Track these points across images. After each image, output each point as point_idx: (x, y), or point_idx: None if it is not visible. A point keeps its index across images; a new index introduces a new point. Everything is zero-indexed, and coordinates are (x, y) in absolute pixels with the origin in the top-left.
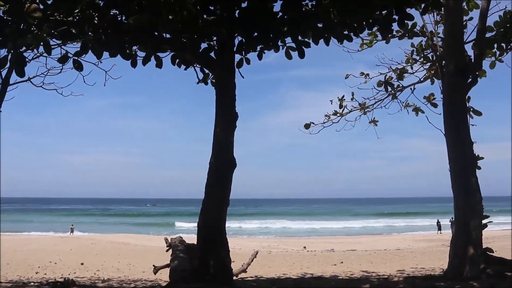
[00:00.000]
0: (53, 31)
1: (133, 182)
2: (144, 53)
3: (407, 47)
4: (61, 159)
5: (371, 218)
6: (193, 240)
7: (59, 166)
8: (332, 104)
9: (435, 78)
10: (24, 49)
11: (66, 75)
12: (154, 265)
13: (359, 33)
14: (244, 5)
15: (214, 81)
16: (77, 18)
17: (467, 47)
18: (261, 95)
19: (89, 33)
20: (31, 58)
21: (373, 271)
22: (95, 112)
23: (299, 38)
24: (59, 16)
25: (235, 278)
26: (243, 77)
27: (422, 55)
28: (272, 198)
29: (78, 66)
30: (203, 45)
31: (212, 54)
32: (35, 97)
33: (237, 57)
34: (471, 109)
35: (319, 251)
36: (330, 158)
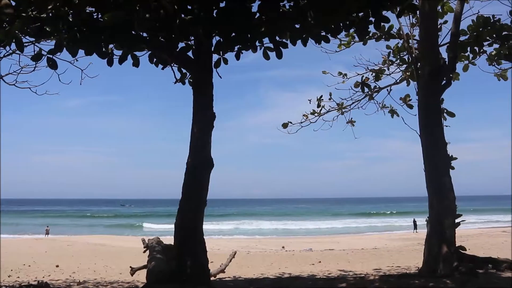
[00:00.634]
0: (26, 28)
1: (109, 182)
2: (120, 52)
3: (384, 48)
4: (35, 159)
5: (349, 217)
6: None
7: (32, 166)
8: (310, 103)
9: (411, 79)
10: None
11: (40, 73)
12: (131, 267)
13: (336, 34)
14: (222, 5)
15: (191, 80)
16: (50, 15)
17: (441, 50)
18: (240, 95)
19: (64, 31)
20: (3, 55)
21: (350, 270)
22: (72, 111)
23: (277, 38)
24: (32, 12)
25: (213, 278)
26: (220, 77)
27: (398, 57)
28: (250, 198)
29: (52, 64)
30: (181, 45)
31: (189, 53)
32: (7, 95)
33: (215, 57)
34: (445, 111)
35: (298, 251)
36: (308, 158)
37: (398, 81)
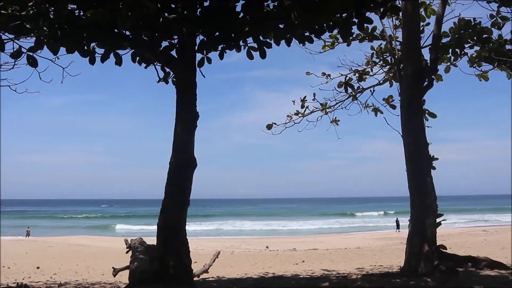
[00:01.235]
0: (5, 25)
1: (92, 181)
2: (102, 50)
3: (368, 49)
4: (16, 159)
5: (333, 217)
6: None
7: (13, 166)
8: (294, 104)
9: (394, 80)
10: None
11: (20, 71)
12: (113, 267)
13: (320, 35)
14: (206, 4)
15: (175, 80)
16: (31, 12)
17: (424, 51)
18: (224, 95)
19: (44, 28)
20: None
21: (333, 269)
22: (55, 109)
23: (261, 38)
24: (11, 9)
25: (196, 278)
26: (204, 76)
27: (381, 58)
28: (234, 198)
29: (32, 62)
30: (164, 43)
31: (173, 52)
32: None
33: (199, 56)
34: (427, 111)
35: (282, 251)
36: (293, 158)
37: (381, 82)
